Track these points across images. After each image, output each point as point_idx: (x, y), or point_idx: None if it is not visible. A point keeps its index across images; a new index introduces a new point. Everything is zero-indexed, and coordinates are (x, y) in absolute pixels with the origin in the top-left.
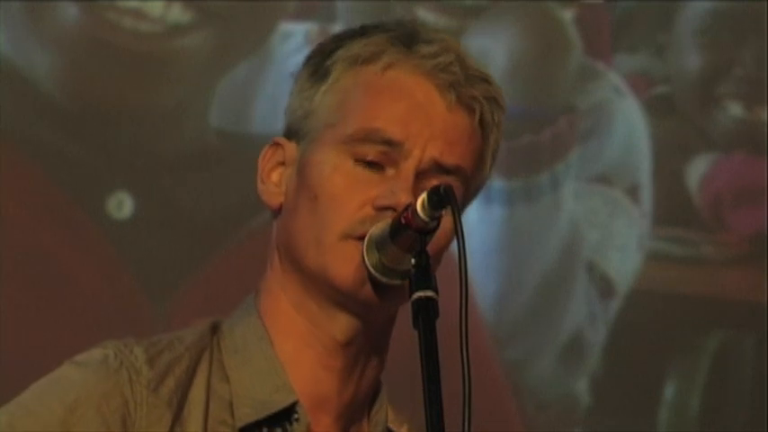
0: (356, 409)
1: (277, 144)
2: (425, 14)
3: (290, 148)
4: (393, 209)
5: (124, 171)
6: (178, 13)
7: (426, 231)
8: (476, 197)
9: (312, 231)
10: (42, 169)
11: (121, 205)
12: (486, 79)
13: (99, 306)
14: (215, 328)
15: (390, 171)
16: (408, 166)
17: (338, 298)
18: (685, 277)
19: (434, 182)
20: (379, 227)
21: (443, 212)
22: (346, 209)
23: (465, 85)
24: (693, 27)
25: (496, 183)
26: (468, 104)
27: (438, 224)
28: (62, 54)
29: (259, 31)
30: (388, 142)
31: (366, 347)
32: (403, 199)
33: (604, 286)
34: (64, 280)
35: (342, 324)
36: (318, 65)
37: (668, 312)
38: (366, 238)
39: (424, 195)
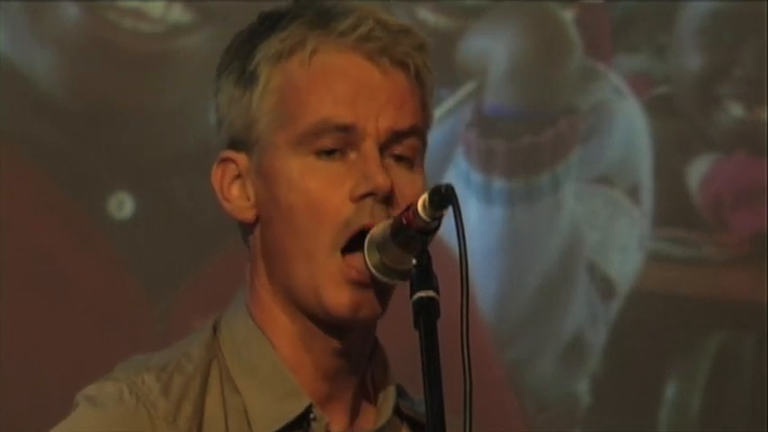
0: (361, 398)
1: (226, 159)
2: (425, 14)
3: (242, 160)
4: (372, 194)
5: (124, 171)
6: (178, 14)
7: (427, 231)
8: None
9: (297, 244)
10: (42, 169)
11: (122, 205)
12: (408, 31)
13: (99, 306)
14: (215, 329)
15: (352, 155)
16: (369, 146)
17: (330, 318)
18: (686, 278)
19: (398, 150)
20: (381, 227)
21: (444, 212)
22: (327, 214)
23: (393, 45)
24: (694, 27)
25: (497, 183)
26: (401, 62)
27: (439, 224)
28: (62, 54)
29: None
30: (342, 128)
31: (361, 342)
32: (379, 180)
33: (605, 287)
34: (64, 280)
35: (336, 338)
36: (241, 70)
37: (669, 313)
38: (367, 239)
39: (425, 195)
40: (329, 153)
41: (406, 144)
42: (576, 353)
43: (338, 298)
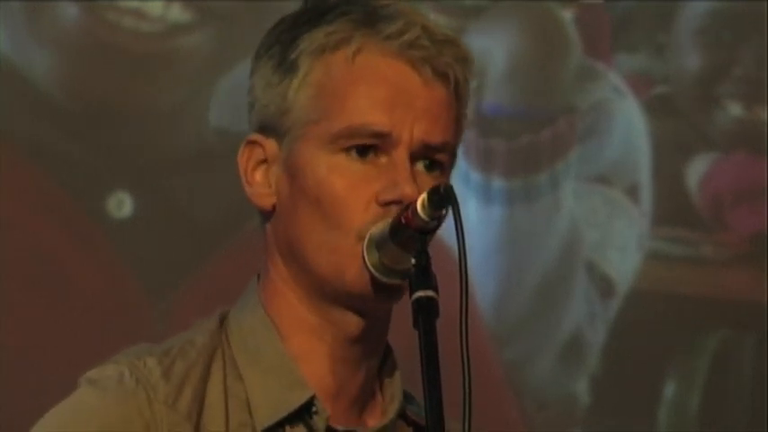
0: (368, 396)
1: (253, 142)
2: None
3: (271, 146)
4: (398, 202)
5: (124, 171)
6: (178, 13)
7: (426, 231)
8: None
9: (321, 235)
10: (42, 169)
11: (121, 205)
12: (453, 41)
13: (99, 306)
14: (223, 321)
15: (383, 159)
16: (401, 155)
17: (353, 300)
18: (685, 277)
19: (424, 165)
20: (379, 226)
21: (443, 212)
22: (353, 210)
23: (437, 55)
24: (693, 27)
25: (496, 183)
26: (443, 73)
27: (438, 224)
28: (62, 54)
29: (259, 31)
30: (377, 135)
31: (374, 337)
32: (407, 190)
33: (604, 286)
34: (64, 280)
35: (356, 320)
36: (282, 57)
37: (668, 312)
38: (366, 238)
39: (424, 195)
40: (360, 153)
41: (436, 156)
42: (575, 352)
43: (363, 277)
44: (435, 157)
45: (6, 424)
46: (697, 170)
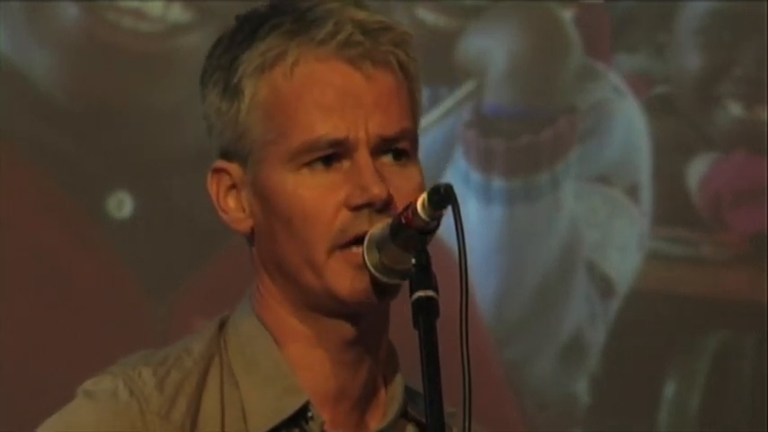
0: (371, 397)
1: (220, 170)
2: (425, 14)
3: (236, 170)
4: (369, 204)
5: (124, 171)
6: (178, 13)
7: (426, 231)
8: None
9: (300, 254)
10: (42, 169)
11: (121, 205)
12: (387, 26)
13: (99, 306)
14: (222, 326)
15: (346, 163)
16: (362, 156)
17: (345, 308)
18: (685, 277)
19: (389, 157)
20: (380, 227)
21: (443, 212)
22: (323, 222)
23: (373, 47)
24: (693, 27)
25: (496, 182)
26: (383, 62)
27: (438, 224)
28: (62, 54)
29: None
30: (334, 143)
31: (372, 338)
32: (375, 191)
33: (604, 286)
34: (64, 280)
35: (349, 326)
36: (225, 82)
37: (668, 312)
38: (366, 238)
39: (424, 195)
40: (325, 163)
41: (398, 146)
42: (575, 352)
43: (352, 285)
44: (397, 147)
45: (6, 424)
46: (697, 170)
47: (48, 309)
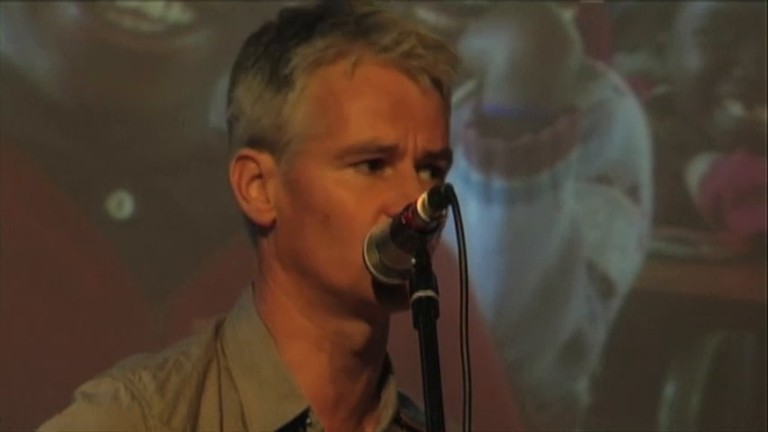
0: (367, 404)
1: (245, 157)
2: (425, 14)
3: (265, 161)
4: None
5: (124, 171)
6: (178, 13)
7: (427, 231)
8: None
9: (332, 250)
10: (42, 169)
11: (121, 205)
12: (444, 47)
13: (99, 306)
14: (218, 330)
15: (388, 170)
16: (407, 166)
17: (366, 309)
18: (685, 277)
19: (427, 173)
20: (380, 227)
21: (444, 212)
22: (362, 224)
23: (433, 63)
24: (693, 27)
25: (496, 182)
26: (438, 81)
27: (438, 224)
28: (62, 54)
29: None
30: (384, 149)
31: (377, 347)
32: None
33: (604, 286)
34: (64, 280)
35: (362, 330)
36: (273, 71)
37: (668, 312)
38: (366, 238)
39: (424, 195)
40: (371, 167)
41: (438, 164)
42: (576, 352)
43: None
44: (437, 164)
45: (6, 424)
46: (697, 170)
47: (47, 309)
